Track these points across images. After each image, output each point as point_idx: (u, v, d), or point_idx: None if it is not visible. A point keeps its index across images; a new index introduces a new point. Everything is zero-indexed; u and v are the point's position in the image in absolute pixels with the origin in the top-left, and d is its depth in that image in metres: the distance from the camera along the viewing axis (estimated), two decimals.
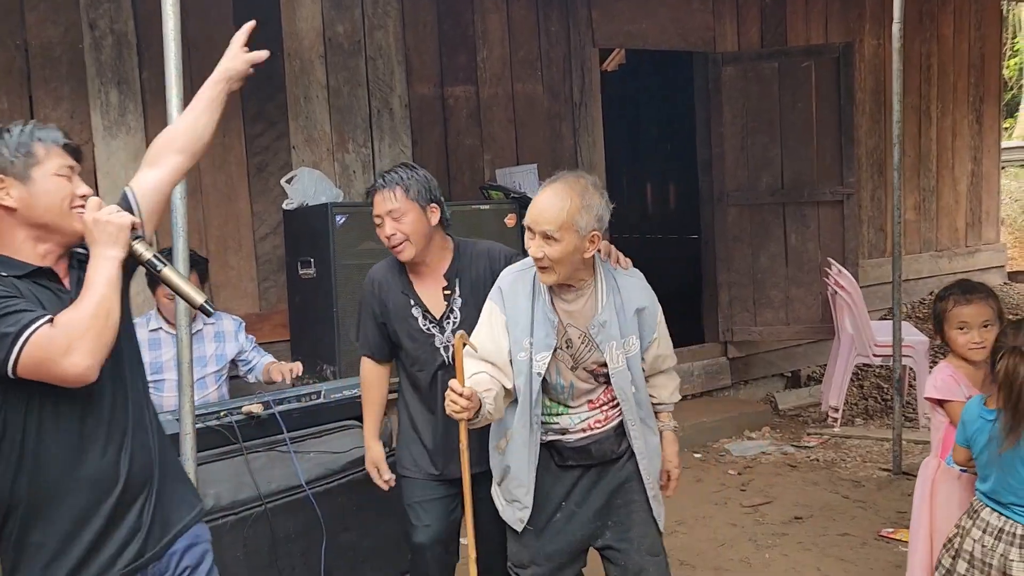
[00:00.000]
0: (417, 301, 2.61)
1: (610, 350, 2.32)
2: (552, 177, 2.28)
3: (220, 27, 4.15)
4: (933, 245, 7.39)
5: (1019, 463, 2.30)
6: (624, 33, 5.50)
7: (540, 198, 2.23)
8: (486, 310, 2.36)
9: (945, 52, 7.27)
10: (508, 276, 2.38)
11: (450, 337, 2.58)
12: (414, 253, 2.55)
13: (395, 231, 2.52)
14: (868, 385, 6.18)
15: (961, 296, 2.78)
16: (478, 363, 2.27)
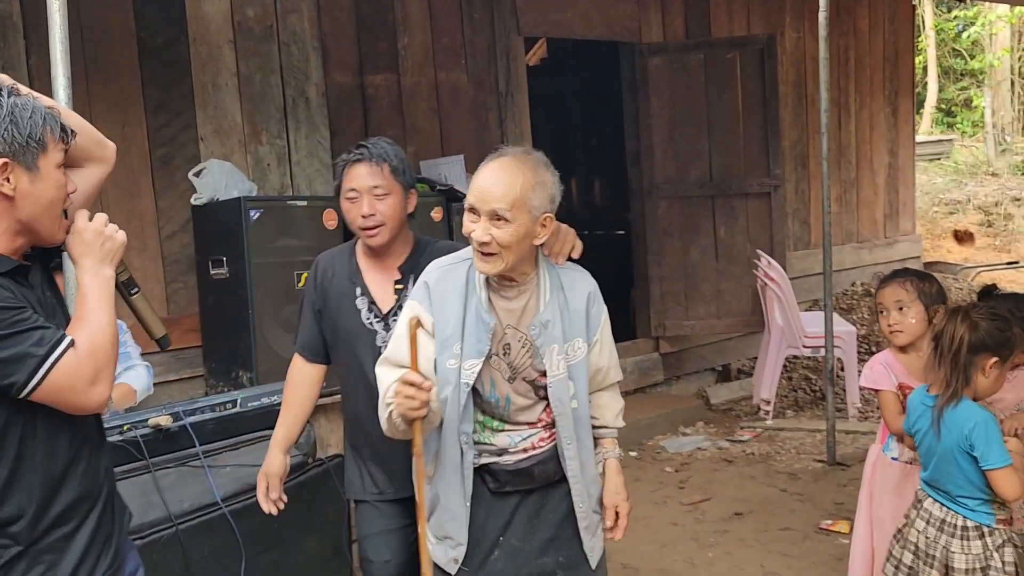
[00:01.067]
0: (364, 291, 2.33)
1: (550, 355, 2.00)
2: (496, 152, 1.97)
3: (115, 9, 3.83)
4: (854, 236, 7.50)
5: (956, 451, 2.25)
6: (549, 21, 5.36)
7: (486, 173, 1.91)
8: (407, 311, 2.02)
9: (862, 46, 7.38)
10: (435, 271, 2.05)
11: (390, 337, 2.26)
12: (387, 239, 2.28)
13: (374, 211, 2.23)
14: (797, 377, 6.21)
15: (883, 280, 2.78)
16: (396, 371, 1.94)
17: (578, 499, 2.08)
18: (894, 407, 2.69)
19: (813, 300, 6.93)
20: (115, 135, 3.83)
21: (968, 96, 15.76)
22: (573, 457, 2.06)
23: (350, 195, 2.27)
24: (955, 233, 10.66)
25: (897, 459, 2.73)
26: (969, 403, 2.27)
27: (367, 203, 2.24)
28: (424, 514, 1.96)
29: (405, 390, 1.83)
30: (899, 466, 2.72)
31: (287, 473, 2.48)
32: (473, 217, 1.92)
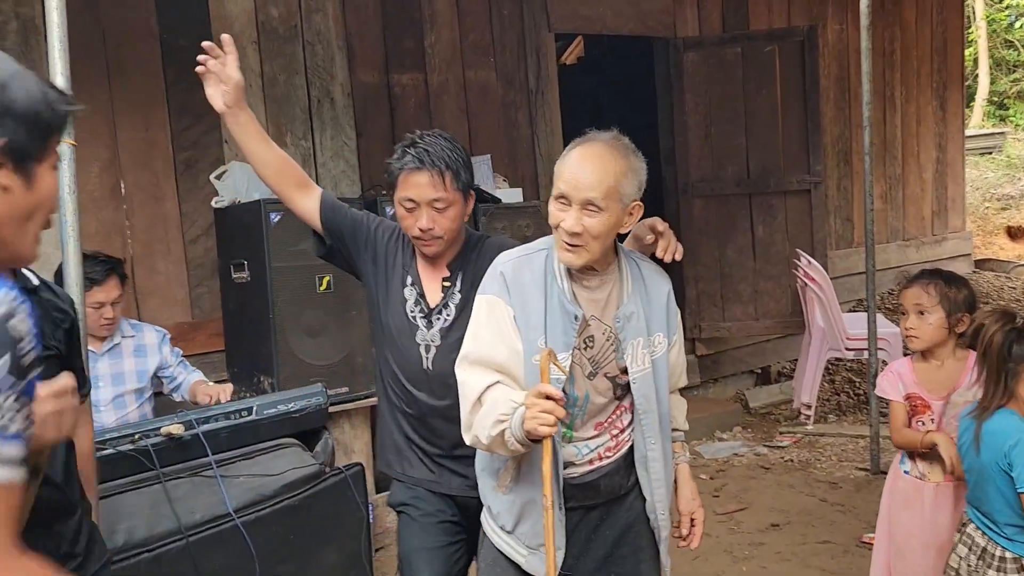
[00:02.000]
0: (416, 281, 2.19)
1: (633, 349, 1.87)
2: (582, 138, 1.85)
3: (138, 11, 3.81)
4: (900, 234, 7.24)
5: (995, 469, 2.10)
6: (580, 17, 5.23)
7: (576, 160, 1.79)
8: (483, 306, 1.86)
9: (908, 37, 7.12)
10: (510, 261, 1.90)
11: (434, 336, 2.14)
12: (442, 250, 2.15)
13: (433, 224, 2.07)
14: (840, 380, 6.00)
15: (907, 281, 2.63)
16: (486, 373, 1.81)
17: (660, 506, 1.95)
18: (899, 418, 2.61)
19: (857, 300, 6.71)
20: (138, 138, 3.86)
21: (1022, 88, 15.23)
22: (657, 459, 1.93)
23: (407, 205, 2.09)
24: (1008, 229, 10.26)
25: (908, 473, 2.63)
26: (1012, 417, 2.11)
27: (426, 216, 2.07)
28: (552, 537, 1.74)
29: (542, 404, 1.65)
30: (910, 480, 2.62)
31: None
32: (562, 206, 1.79)
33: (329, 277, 3.58)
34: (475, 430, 1.80)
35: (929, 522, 2.56)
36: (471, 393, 1.81)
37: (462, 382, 1.85)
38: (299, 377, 3.47)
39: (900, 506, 2.64)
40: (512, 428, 1.71)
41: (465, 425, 1.83)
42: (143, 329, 3.21)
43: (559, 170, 1.81)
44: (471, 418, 1.81)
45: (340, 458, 3.60)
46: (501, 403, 1.75)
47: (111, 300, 2.97)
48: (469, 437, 1.82)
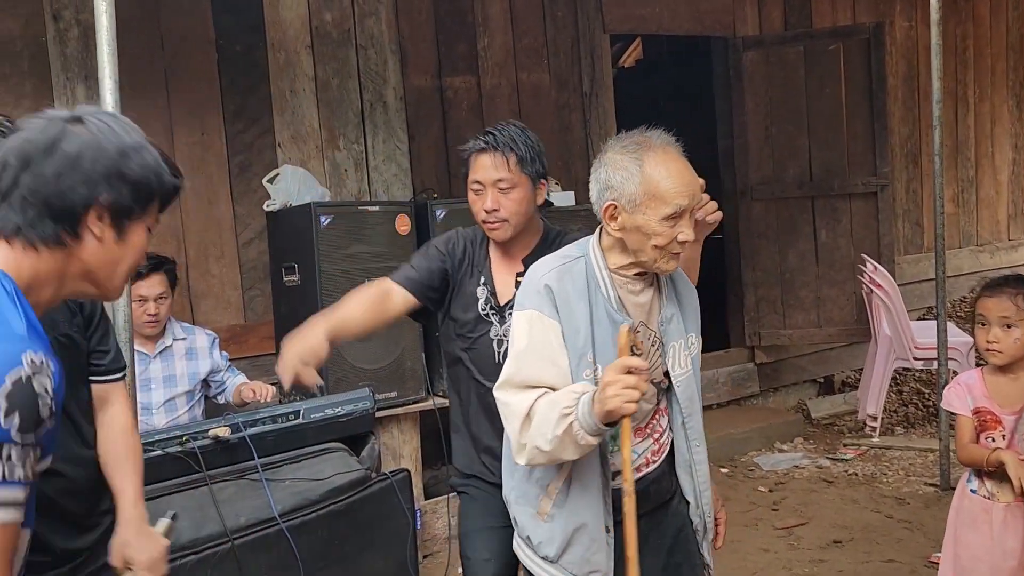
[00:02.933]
0: (488, 280, 2.23)
1: (674, 352, 1.85)
2: (644, 139, 1.75)
3: (195, 18, 3.86)
4: (973, 239, 6.94)
5: None
6: (636, 17, 5.14)
7: (678, 169, 1.71)
8: (524, 323, 1.76)
9: (982, 34, 6.83)
10: (551, 271, 1.78)
11: (507, 331, 2.09)
12: (510, 235, 2.16)
13: (497, 206, 2.11)
14: (908, 391, 5.75)
15: (990, 286, 2.47)
16: (528, 392, 1.71)
17: (707, 508, 1.93)
18: (967, 434, 2.46)
19: (927, 308, 6.44)
20: (194, 142, 3.90)
21: None
22: (703, 461, 1.92)
23: (474, 187, 2.17)
24: None
25: (976, 492, 2.48)
26: None
27: (491, 197, 2.12)
28: (635, 548, 1.67)
29: (624, 379, 1.57)
30: (978, 500, 2.47)
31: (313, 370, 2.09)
32: (674, 219, 1.70)
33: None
34: (531, 443, 1.68)
35: (998, 545, 2.41)
36: (518, 411, 1.70)
37: (505, 403, 1.74)
38: (349, 381, 3.46)
39: (966, 527, 2.50)
40: (581, 417, 1.62)
41: (517, 447, 1.72)
42: (195, 332, 3.24)
43: (661, 183, 1.68)
44: (522, 436, 1.70)
45: (389, 463, 3.57)
46: (560, 399, 1.66)
47: (154, 296, 2.99)
48: (524, 457, 1.72)
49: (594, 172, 1.79)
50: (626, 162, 1.72)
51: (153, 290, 3.00)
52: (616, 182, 1.72)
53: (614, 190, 1.72)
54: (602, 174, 1.76)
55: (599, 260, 1.79)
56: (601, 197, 1.75)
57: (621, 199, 1.71)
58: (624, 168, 1.72)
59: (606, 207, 1.73)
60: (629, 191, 1.70)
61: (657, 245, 1.70)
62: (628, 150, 1.73)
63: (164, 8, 3.78)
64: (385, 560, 2.92)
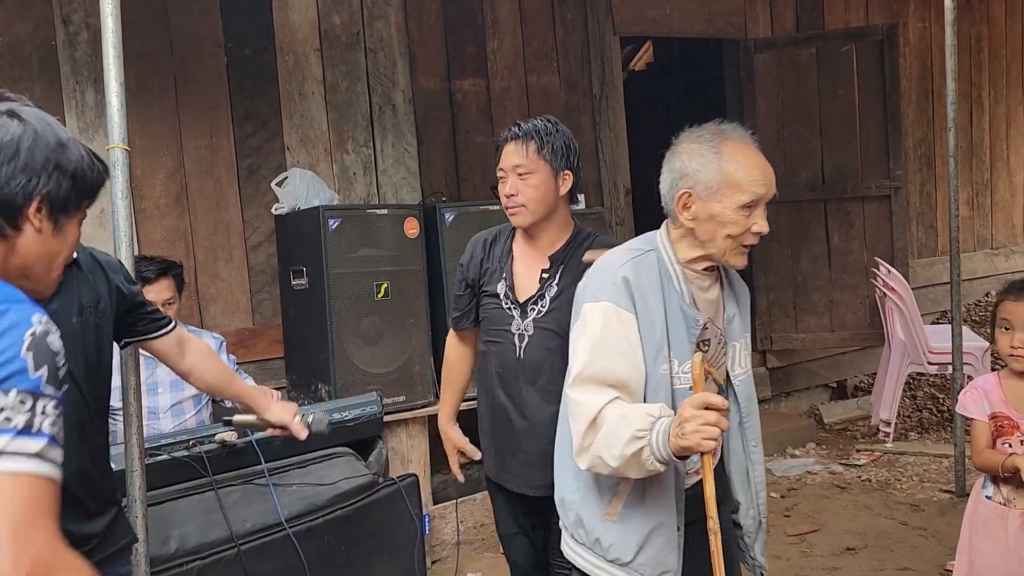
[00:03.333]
0: (508, 274, 2.29)
1: (735, 351, 1.83)
2: (721, 129, 1.73)
3: (204, 21, 3.85)
4: (988, 242, 6.87)
5: None
6: (646, 19, 5.11)
7: (755, 158, 1.70)
8: (599, 315, 1.69)
9: (996, 35, 6.77)
10: (627, 263, 1.73)
11: (528, 326, 2.22)
12: (530, 221, 2.23)
13: (515, 191, 2.21)
14: (922, 396, 5.69)
15: (1013, 290, 2.42)
16: (602, 390, 1.65)
17: (763, 508, 1.91)
18: (982, 439, 2.43)
19: (941, 312, 6.38)
20: (203, 145, 3.89)
21: None
22: (759, 462, 1.90)
23: (499, 174, 2.28)
24: None
25: (991, 498, 2.44)
26: None
27: (510, 183, 2.23)
28: (721, 564, 1.60)
29: (705, 416, 1.50)
30: (993, 507, 2.43)
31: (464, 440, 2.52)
32: (748, 211, 1.68)
33: (387, 284, 3.55)
34: (596, 452, 1.62)
35: (1013, 552, 2.36)
36: (586, 412, 1.64)
37: (574, 401, 1.67)
38: (357, 385, 3.44)
39: (981, 534, 2.45)
40: (655, 445, 1.55)
41: (579, 448, 1.66)
42: (201, 335, 3.22)
43: (738, 172, 1.66)
44: (587, 440, 1.64)
45: (397, 468, 3.55)
46: (634, 418, 1.59)
47: (162, 300, 2.98)
48: (585, 460, 1.66)
49: (667, 163, 1.77)
50: (702, 150, 1.71)
51: (161, 295, 2.99)
52: (691, 170, 1.70)
53: (689, 178, 1.70)
54: (676, 163, 1.74)
55: (670, 253, 1.76)
56: (675, 186, 1.73)
57: (696, 187, 1.69)
58: (700, 156, 1.70)
59: (680, 195, 1.71)
60: (705, 178, 1.68)
61: (730, 235, 1.68)
62: (704, 139, 1.72)
63: (173, 11, 3.78)
64: (392, 565, 2.91)
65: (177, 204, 3.80)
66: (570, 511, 1.83)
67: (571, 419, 1.69)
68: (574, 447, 1.68)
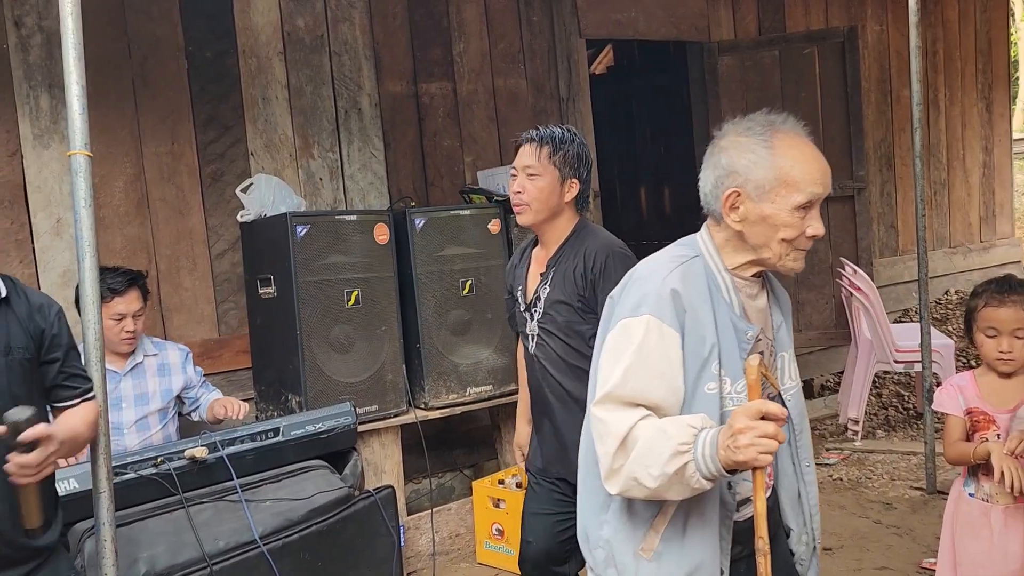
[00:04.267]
0: (523, 280, 2.50)
1: (783, 363, 1.68)
2: (772, 120, 1.58)
3: (164, 24, 3.75)
4: (946, 241, 7.00)
5: None
6: (612, 22, 5.10)
7: (808, 148, 1.55)
8: (641, 328, 1.50)
9: (951, 37, 6.90)
10: (671, 272, 1.55)
11: (535, 328, 2.42)
12: (531, 220, 2.39)
13: (522, 189, 2.37)
14: (887, 393, 5.76)
15: (995, 295, 2.43)
16: (631, 409, 1.48)
17: (817, 532, 1.74)
18: (956, 435, 2.44)
19: (903, 310, 6.48)
20: (164, 151, 3.78)
21: None
22: (813, 482, 1.72)
23: (512, 172, 2.42)
24: None
25: (974, 495, 2.45)
26: None
27: (519, 181, 2.38)
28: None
29: (762, 427, 1.34)
30: (976, 503, 2.44)
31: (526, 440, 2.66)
32: (804, 212, 1.53)
33: (358, 291, 3.47)
34: (630, 473, 1.45)
35: (999, 549, 2.37)
36: (615, 432, 1.46)
37: (600, 420, 1.50)
38: (328, 394, 3.36)
39: (965, 533, 2.46)
40: (700, 459, 1.40)
41: (608, 472, 1.49)
42: (166, 347, 3.13)
43: (795, 173, 1.51)
44: (617, 462, 1.47)
45: (371, 479, 3.47)
46: (674, 431, 1.43)
47: (132, 312, 2.89)
48: (616, 485, 1.49)
49: (709, 159, 1.60)
50: (753, 144, 1.53)
51: (132, 306, 2.90)
52: (741, 167, 1.53)
53: (738, 175, 1.54)
54: (723, 159, 1.56)
55: (717, 260, 1.59)
56: (720, 185, 1.56)
57: (747, 186, 1.53)
58: (751, 151, 1.53)
59: (728, 195, 1.55)
60: (757, 176, 1.52)
61: (785, 239, 1.53)
62: (754, 132, 1.55)
63: (131, 13, 3.66)
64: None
65: (138, 212, 3.68)
66: (598, 549, 1.63)
67: (597, 440, 1.50)
68: (602, 471, 1.50)
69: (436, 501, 3.91)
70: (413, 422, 3.58)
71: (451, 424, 4.15)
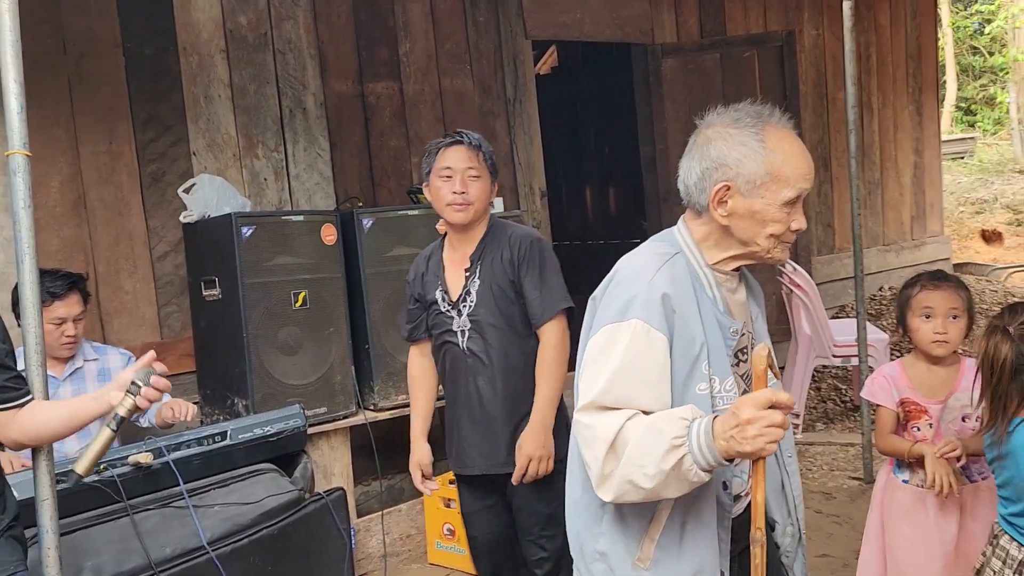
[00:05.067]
0: (442, 281, 2.55)
1: None
2: (761, 111, 1.54)
3: (100, 20, 3.65)
4: (880, 239, 7.22)
5: None
6: (557, 24, 5.14)
7: (797, 143, 1.53)
8: (627, 332, 1.45)
9: (883, 43, 7.13)
10: (660, 272, 1.49)
11: (465, 322, 2.48)
12: (470, 218, 2.47)
13: (465, 189, 2.44)
14: (826, 387, 5.92)
15: (930, 282, 2.53)
16: (615, 413, 1.42)
17: (802, 524, 1.73)
18: (888, 425, 2.53)
19: (840, 306, 6.66)
20: (101, 151, 3.69)
21: (989, 94, 15.44)
22: (795, 472, 1.73)
23: (444, 173, 2.45)
24: (983, 233, 10.33)
25: (908, 482, 2.54)
26: None
27: (459, 181, 2.43)
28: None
29: (769, 416, 1.31)
30: (911, 489, 2.52)
31: (432, 459, 2.65)
32: (794, 204, 1.53)
33: (305, 293, 3.44)
34: (624, 476, 1.39)
35: (935, 532, 2.46)
36: (602, 436, 1.40)
37: (585, 425, 1.43)
38: (275, 398, 3.32)
39: (899, 518, 2.54)
40: (697, 450, 1.35)
41: (599, 479, 1.42)
42: (107, 352, 3.05)
43: (786, 168, 1.49)
44: (608, 467, 1.40)
45: (320, 481, 3.44)
46: (665, 425, 1.38)
47: (72, 316, 2.82)
48: (610, 491, 1.42)
49: (695, 149, 1.56)
50: (744, 137, 1.50)
51: (72, 310, 2.82)
52: (732, 159, 1.50)
53: (728, 168, 1.50)
54: (712, 151, 1.52)
55: (698, 256, 1.56)
56: (707, 177, 1.52)
57: (738, 179, 1.49)
58: (742, 143, 1.50)
59: (717, 189, 1.51)
60: (749, 170, 1.49)
61: (773, 234, 1.52)
62: (744, 124, 1.51)
63: (66, 10, 3.56)
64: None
65: (75, 213, 3.58)
66: (595, 563, 1.56)
67: (584, 446, 1.44)
68: (592, 478, 1.43)
69: (386, 502, 3.89)
70: (363, 423, 3.57)
71: (401, 425, 4.12)
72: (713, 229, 1.57)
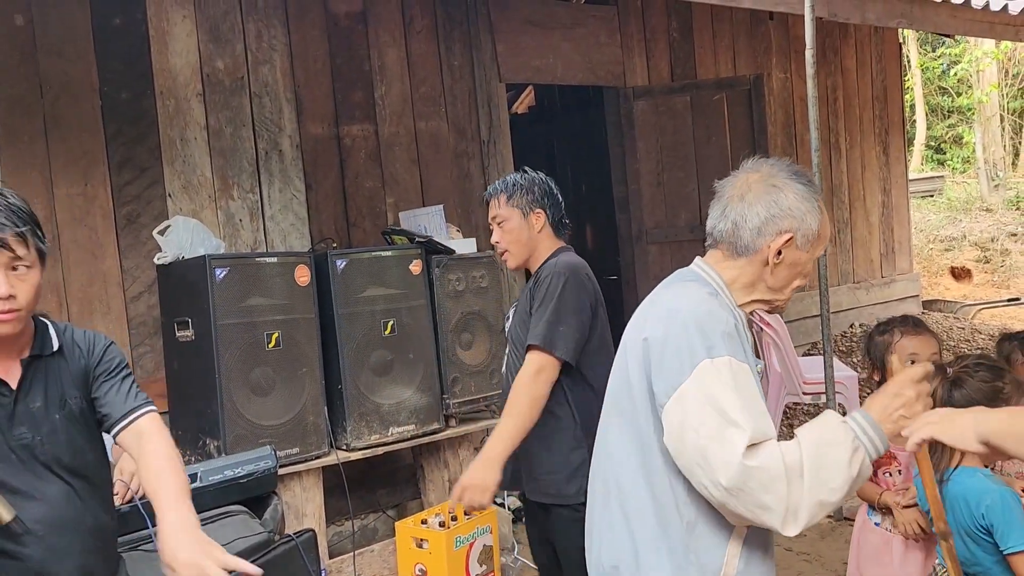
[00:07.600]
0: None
1: None
2: (806, 172, 1.65)
3: (77, 63, 3.70)
4: (850, 277, 7.34)
5: (969, 533, 2.03)
6: (531, 68, 5.25)
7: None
8: (727, 370, 1.44)
9: (849, 85, 7.32)
10: (718, 309, 1.52)
11: (507, 346, 2.61)
12: (516, 263, 2.55)
13: (499, 239, 2.55)
14: (798, 424, 5.98)
15: (911, 327, 2.58)
16: (764, 445, 1.43)
17: None
18: None
19: (811, 343, 6.75)
20: (76, 193, 3.72)
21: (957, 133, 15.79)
22: None
23: (490, 226, 2.63)
24: (952, 270, 10.52)
25: (879, 524, 2.58)
26: (974, 477, 2.04)
27: (496, 232, 2.57)
28: None
29: (923, 388, 1.46)
30: (880, 532, 2.56)
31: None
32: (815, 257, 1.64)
33: (278, 334, 3.46)
34: (813, 499, 1.37)
35: (899, 573, 2.51)
36: (775, 473, 1.36)
37: (760, 468, 1.36)
38: (248, 438, 3.32)
39: (870, 559, 2.58)
40: (869, 444, 1.41)
41: (786, 513, 1.37)
42: None
43: (826, 229, 1.60)
44: (793, 498, 1.36)
45: (292, 522, 3.44)
46: (831, 434, 1.40)
47: None
48: (798, 523, 1.37)
49: (763, 196, 1.58)
50: (808, 194, 1.58)
51: None
52: (799, 212, 1.56)
53: (795, 220, 1.56)
54: (782, 200, 1.57)
55: (729, 297, 1.61)
56: (772, 224, 1.56)
57: (797, 232, 1.56)
58: (808, 200, 1.57)
59: (786, 239, 1.56)
60: (809, 226, 1.57)
61: (798, 285, 1.62)
62: (807, 184, 1.60)
63: (43, 54, 3.61)
64: None
65: (49, 255, 3.59)
66: None
67: (762, 493, 1.36)
68: (775, 520, 1.37)
69: (359, 543, 3.88)
70: (335, 463, 3.57)
71: (374, 464, 4.14)
72: (745, 273, 1.60)
